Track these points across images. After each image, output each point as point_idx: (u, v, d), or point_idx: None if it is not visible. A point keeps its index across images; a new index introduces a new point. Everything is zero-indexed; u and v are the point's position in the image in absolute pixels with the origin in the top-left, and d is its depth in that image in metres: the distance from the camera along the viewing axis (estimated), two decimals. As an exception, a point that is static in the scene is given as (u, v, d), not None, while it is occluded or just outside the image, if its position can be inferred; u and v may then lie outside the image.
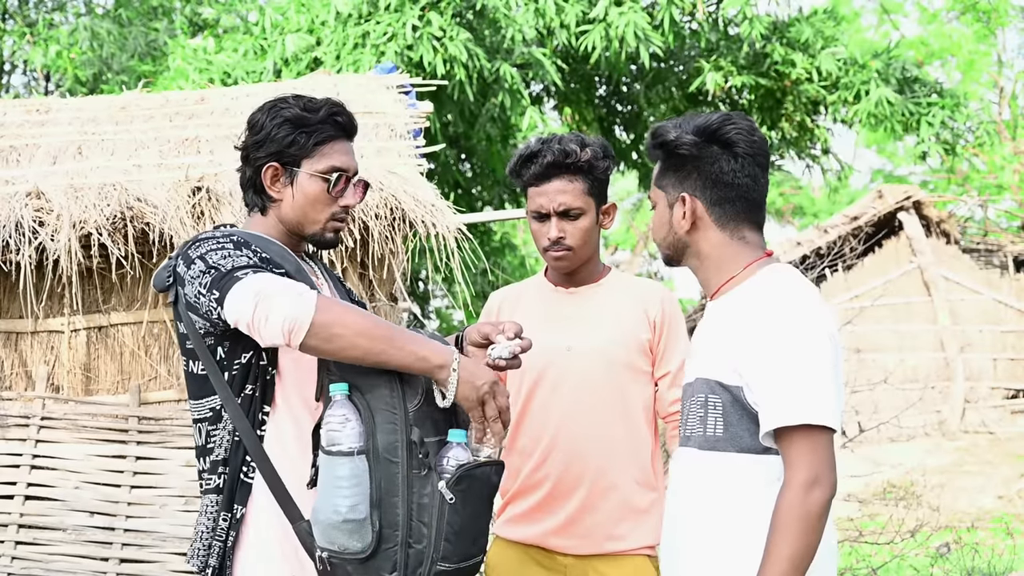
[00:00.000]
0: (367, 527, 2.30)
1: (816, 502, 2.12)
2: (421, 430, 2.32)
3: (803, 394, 2.15)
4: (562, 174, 3.04)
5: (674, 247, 2.41)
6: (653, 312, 3.13)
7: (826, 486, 2.13)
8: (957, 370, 14.06)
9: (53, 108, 6.22)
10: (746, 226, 2.36)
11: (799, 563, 2.12)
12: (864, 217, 14.38)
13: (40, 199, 5.17)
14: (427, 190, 5.34)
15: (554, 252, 3.08)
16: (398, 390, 2.33)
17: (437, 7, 9.82)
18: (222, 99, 6.20)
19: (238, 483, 2.47)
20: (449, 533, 2.30)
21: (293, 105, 2.57)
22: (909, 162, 20.95)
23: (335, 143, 2.59)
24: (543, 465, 3.07)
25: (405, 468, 2.31)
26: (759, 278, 2.32)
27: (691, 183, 2.36)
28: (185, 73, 10.32)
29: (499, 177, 12.52)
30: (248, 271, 2.38)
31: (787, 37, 11.07)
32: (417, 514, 2.31)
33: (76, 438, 5.28)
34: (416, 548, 2.31)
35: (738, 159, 2.33)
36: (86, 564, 5.10)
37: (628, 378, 3.09)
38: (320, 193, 2.57)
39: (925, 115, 11.24)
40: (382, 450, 2.31)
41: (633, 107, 12.78)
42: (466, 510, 2.31)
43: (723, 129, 2.33)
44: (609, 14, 9.88)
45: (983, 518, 9.86)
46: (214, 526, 2.47)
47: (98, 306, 5.42)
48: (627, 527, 3.07)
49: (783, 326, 2.20)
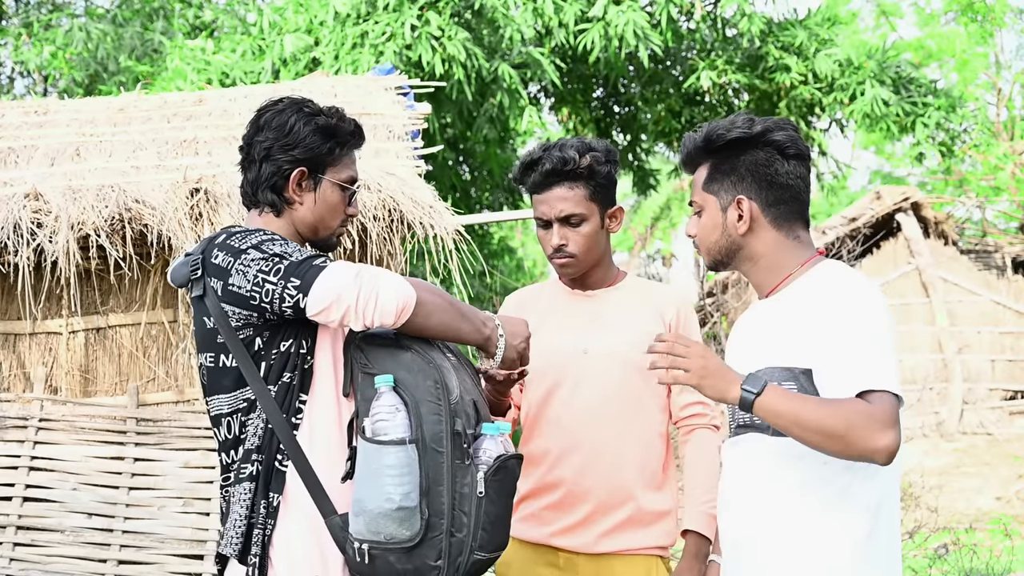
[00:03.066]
0: (417, 515, 2.35)
1: (865, 439, 2.15)
2: (461, 422, 2.40)
3: (876, 364, 2.21)
4: (562, 181, 3.04)
5: (726, 250, 2.45)
6: (669, 316, 3.13)
7: (893, 436, 2.16)
8: (955, 371, 14.06)
9: (51, 110, 6.22)
10: (799, 225, 2.43)
11: (806, 420, 2.17)
12: (862, 218, 14.39)
13: (38, 200, 5.17)
14: (425, 191, 5.34)
15: (558, 259, 3.09)
16: (441, 383, 2.41)
17: (435, 7, 9.82)
18: (220, 100, 6.20)
19: (273, 471, 2.49)
20: (486, 523, 2.39)
21: (323, 113, 2.63)
22: (907, 163, 20.96)
23: (354, 154, 2.70)
24: (558, 467, 3.07)
25: (449, 458, 2.38)
26: (817, 272, 2.37)
27: (746, 186, 2.40)
28: (183, 73, 10.32)
29: (497, 179, 12.53)
30: (325, 259, 2.46)
31: (781, 41, 11.09)
32: (459, 503, 2.38)
33: (74, 439, 5.28)
34: (458, 537, 2.38)
35: (790, 161, 2.40)
36: (84, 565, 5.09)
37: (643, 382, 3.08)
38: (340, 201, 2.65)
39: (921, 116, 11.25)
40: (429, 439, 2.38)
41: (630, 108, 12.79)
42: (500, 500, 2.42)
43: (775, 132, 2.39)
44: (608, 13, 9.89)
45: (981, 519, 9.86)
46: (250, 513, 2.48)
47: (96, 307, 5.41)
48: (640, 528, 3.07)
49: (850, 310, 2.26)
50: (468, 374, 2.54)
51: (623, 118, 13.03)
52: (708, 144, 2.44)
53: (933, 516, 7.24)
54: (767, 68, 11.20)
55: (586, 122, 12.83)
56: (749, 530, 2.36)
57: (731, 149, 2.41)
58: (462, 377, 2.48)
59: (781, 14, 11.54)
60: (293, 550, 2.47)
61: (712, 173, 2.44)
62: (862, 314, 2.26)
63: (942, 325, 14.23)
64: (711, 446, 3.14)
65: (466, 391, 2.46)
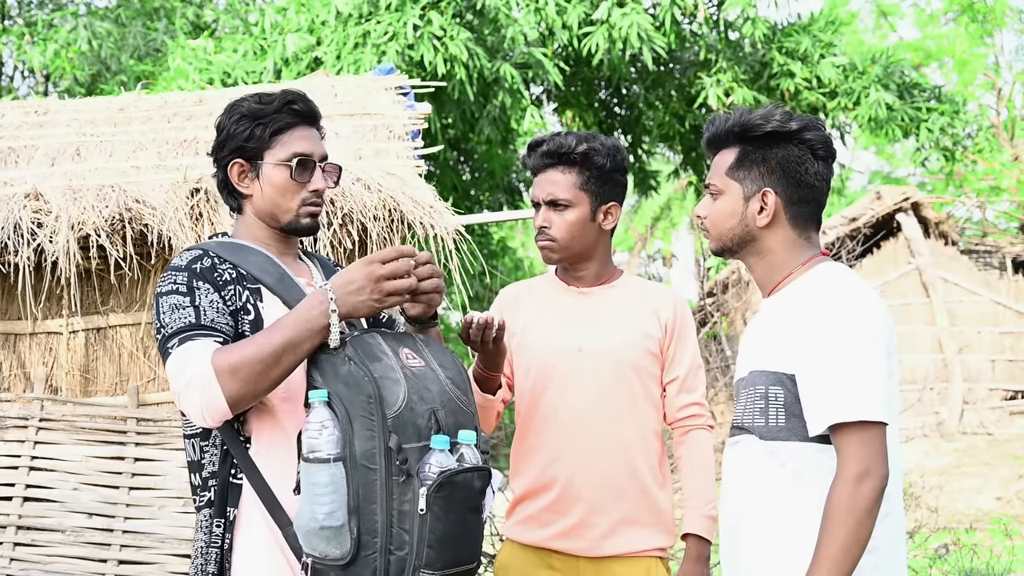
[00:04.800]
0: (345, 534, 2.30)
1: (865, 495, 2.16)
2: (401, 436, 2.31)
3: (852, 390, 2.19)
4: (556, 165, 3.09)
5: (739, 239, 2.43)
6: (665, 315, 3.14)
7: (876, 478, 2.17)
8: (955, 371, 14.07)
9: (51, 110, 6.22)
10: (812, 227, 2.42)
11: (849, 554, 2.16)
12: (862, 218, 14.40)
13: (38, 200, 5.17)
14: (425, 191, 5.34)
15: (539, 240, 3.14)
16: (376, 396, 2.32)
17: (438, 7, 9.82)
18: (220, 100, 6.20)
19: (228, 486, 2.48)
20: (432, 540, 2.29)
21: (248, 100, 2.61)
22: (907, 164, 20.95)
23: (294, 130, 2.62)
24: (553, 465, 3.07)
25: (384, 475, 2.30)
26: (813, 274, 2.35)
27: (775, 180, 2.38)
28: (185, 73, 10.32)
29: (498, 179, 12.52)
30: (175, 341, 2.42)
31: (785, 47, 11.09)
32: (398, 521, 2.30)
33: (74, 439, 5.28)
34: (398, 555, 2.29)
35: (819, 162, 2.39)
36: (84, 565, 5.09)
37: (637, 380, 3.10)
38: (286, 180, 2.59)
39: (925, 120, 11.27)
40: (360, 457, 2.30)
41: (632, 111, 12.80)
42: (449, 516, 2.30)
43: (810, 131, 2.38)
44: (612, 15, 9.89)
45: (981, 519, 9.86)
46: (209, 538, 2.48)
47: (96, 307, 5.42)
48: (638, 528, 3.07)
49: (832, 321, 2.24)
50: (441, 379, 2.44)
51: (625, 120, 13.03)
52: (743, 131, 2.41)
53: (933, 516, 7.24)
54: (771, 75, 11.21)
55: (589, 124, 12.84)
56: (745, 515, 2.37)
57: (765, 140, 2.39)
58: (422, 386, 2.39)
59: (784, 19, 11.55)
60: (256, 562, 2.46)
61: (741, 159, 2.41)
62: (843, 328, 2.23)
63: (942, 325, 14.24)
64: (707, 446, 3.15)
65: (423, 401, 2.36)
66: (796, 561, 2.25)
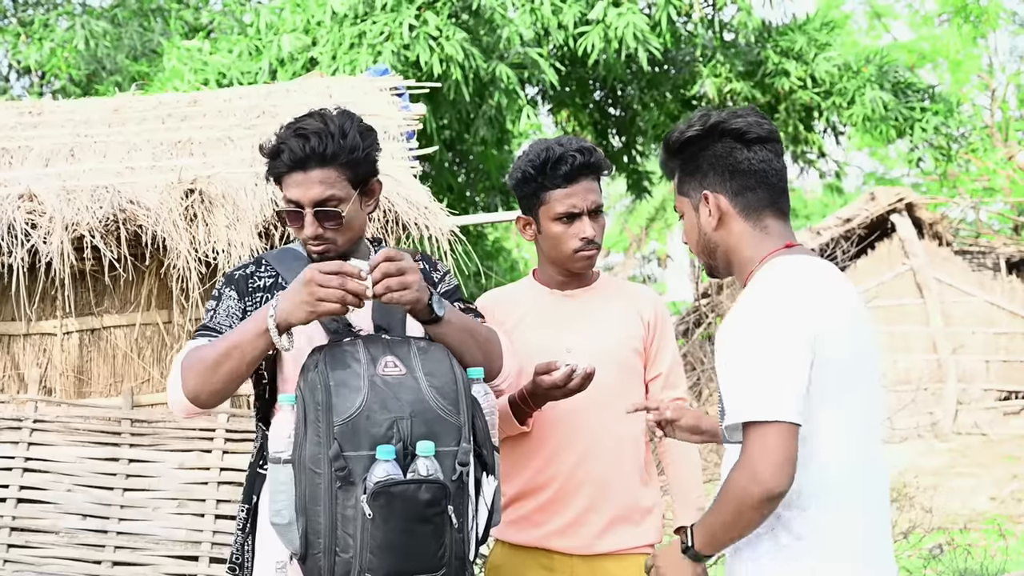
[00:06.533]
0: (294, 531, 2.42)
1: (752, 494, 2.15)
2: (348, 444, 2.36)
3: (761, 390, 2.17)
4: (589, 174, 3.09)
5: (708, 250, 2.43)
6: (647, 314, 3.18)
7: (760, 484, 2.14)
8: (950, 372, 14.09)
9: (46, 110, 6.21)
10: (769, 214, 2.37)
11: (728, 532, 2.22)
12: (857, 219, 14.42)
13: (32, 201, 5.16)
14: (420, 192, 5.34)
15: (586, 252, 3.11)
16: (324, 403, 2.38)
17: (433, 7, 9.82)
18: (215, 101, 6.20)
19: (255, 475, 2.67)
20: (373, 546, 2.35)
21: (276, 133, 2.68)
22: (902, 165, 20.98)
23: (288, 177, 2.63)
24: (549, 466, 3.08)
25: (328, 480, 2.37)
26: (762, 270, 2.33)
27: (711, 180, 2.38)
28: (180, 73, 10.31)
29: (494, 180, 12.52)
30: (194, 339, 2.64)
31: (780, 46, 11.11)
32: (342, 525, 2.37)
33: (68, 441, 5.27)
34: (343, 557, 2.38)
35: (751, 147, 2.36)
36: (79, 567, 5.09)
37: (626, 379, 3.13)
38: (291, 222, 2.67)
39: (919, 121, 11.29)
40: (308, 460, 2.39)
41: (627, 112, 12.80)
42: (389, 525, 2.34)
43: (731, 121, 2.36)
44: (608, 15, 9.89)
45: (976, 519, 9.87)
46: (239, 522, 2.71)
47: (91, 308, 5.41)
48: (630, 526, 3.09)
49: (741, 320, 2.25)
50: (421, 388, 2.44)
51: (620, 121, 13.04)
52: (669, 148, 2.44)
53: (928, 516, 7.24)
54: (766, 73, 11.22)
55: (584, 125, 12.85)
56: None
57: (692, 147, 2.39)
58: (390, 395, 2.41)
59: (779, 18, 11.59)
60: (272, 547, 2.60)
61: (681, 176, 2.44)
62: (749, 331, 2.22)
63: (937, 326, 14.26)
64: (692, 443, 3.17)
65: (385, 409, 2.39)
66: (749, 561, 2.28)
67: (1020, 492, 11.02)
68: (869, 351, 2.33)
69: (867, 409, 2.32)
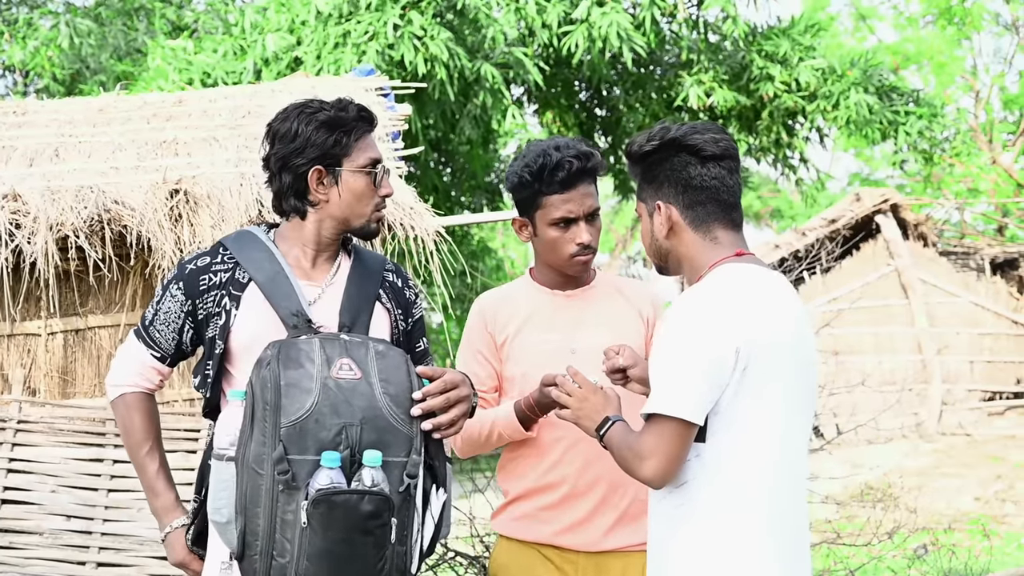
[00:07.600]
0: (232, 530, 2.39)
1: (634, 471, 2.39)
2: (293, 447, 2.32)
3: (669, 387, 2.33)
4: (586, 178, 3.08)
5: (659, 254, 2.56)
6: (646, 311, 3.19)
7: (642, 472, 2.37)
8: (935, 372, 14.13)
9: (30, 110, 6.19)
10: (718, 226, 2.48)
11: (616, 455, 2.45)
12: (842, 220, 14.44)
13: (16, 201, 5.14)
14: (406, 193, 5.34)
15: (582, 257, 3.10)
16: (272, 403, 2.35)
17: (418, 7, 9.81)
18: (200, 101, 6.18)
19: (207, 469, 2.60)
20: (311, 554, 2.31)
21: (323, 108, 2.66)
22: (886, 166, 21.05)
23: (367, 137, 2.70)
24: (559, 466, 3.08)
25: (270, 482, 2.32)
26: (706, 278, 2.44)
27: (665, 191, 2.49)
28: (165, 73, 10.29)
29: (479, 181, 12.52)
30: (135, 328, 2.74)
31: (765, 50, 11.14)
32: (281, 529, 2.33)
33: (53, 441, 5.25)
34: (280, 561, 2.33)
35: (705, 163, 2.46)
36: (63, 568, 5.07)
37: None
38: (366, 187, 2.68)
39: (903, 124, 11.33)
40: (251, 460, 2.35)
41: (613, 112, 12.82)
42: (327, 534, 2.30)
43: (688, 137, 2.47)
44: (591, 14, 9.90)
45: (960, 520, 9.91)
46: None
47: (75, 309, 5.39)
48: (636, 523, 3.09)
49: (673, 325, 2.38)
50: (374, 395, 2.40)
51: (606, 121, 13.04)
52: (631, 158, 2.55)
53: (912, 517, 7.26)
54: (751, 78, 11.24)
55: (570, 126, 12.85)
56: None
57: (652, 158, 2.50)
58: (341, 399, 2.36)
59: (764, 21, 11.60)
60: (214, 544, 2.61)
61: (640, 184, 2.55)
62: (673, 331, 2.37)
63: (921, 326, 14.30)
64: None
65: (335, 414, 2.35)
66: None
67: (1004, 492, 11.07)
68: (809, 360, 2.45)
69: (796, 413, 2.41)
